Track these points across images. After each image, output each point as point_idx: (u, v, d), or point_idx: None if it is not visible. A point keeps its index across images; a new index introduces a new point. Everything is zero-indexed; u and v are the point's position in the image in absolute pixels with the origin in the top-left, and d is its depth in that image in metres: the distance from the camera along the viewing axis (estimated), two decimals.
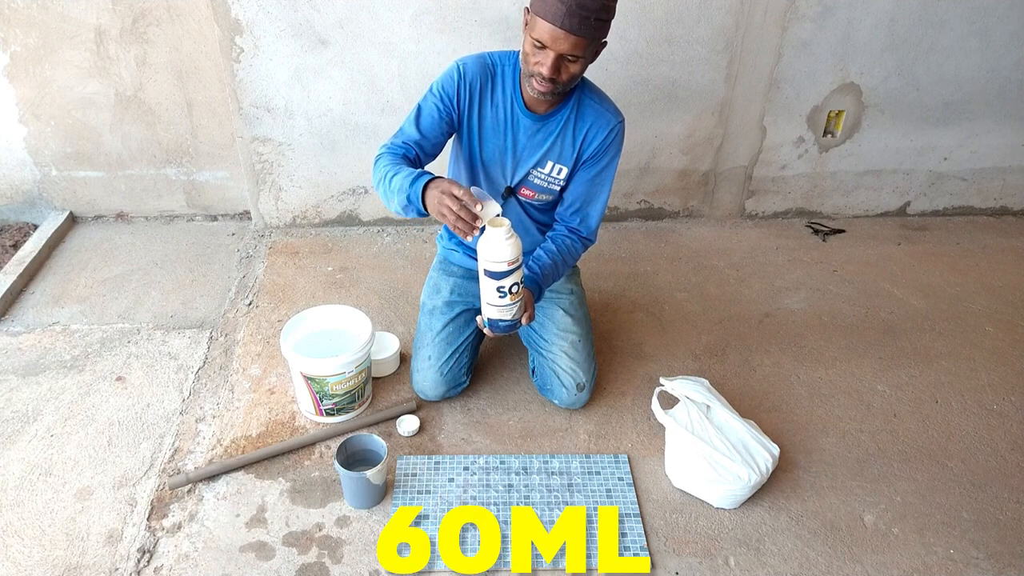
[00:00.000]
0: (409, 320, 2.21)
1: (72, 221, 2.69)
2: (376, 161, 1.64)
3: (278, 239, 2.64)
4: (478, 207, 1.42)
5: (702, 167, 2.69)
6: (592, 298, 2.33)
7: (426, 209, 1.49)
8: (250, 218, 2.73)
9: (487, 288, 1.54)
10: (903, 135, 2.67)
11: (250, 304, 2.30)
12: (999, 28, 2.46)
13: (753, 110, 2.57)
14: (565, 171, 1.76)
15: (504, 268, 1.49)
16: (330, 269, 2.48)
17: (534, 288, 1.72)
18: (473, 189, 1.48)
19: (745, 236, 2.75)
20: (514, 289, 1.53)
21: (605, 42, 1.57)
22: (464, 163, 1.79)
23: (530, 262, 1.75)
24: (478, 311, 1.94)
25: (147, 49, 2.37)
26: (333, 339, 1.89)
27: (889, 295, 2.44)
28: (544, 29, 1.49)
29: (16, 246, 2.54)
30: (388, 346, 2.03)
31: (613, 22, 1.54)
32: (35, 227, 2.65)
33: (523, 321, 1.62)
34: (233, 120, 2.45)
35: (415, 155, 1.66)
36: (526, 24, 1.54)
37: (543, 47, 1.51)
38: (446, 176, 1.65)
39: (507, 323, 1.60)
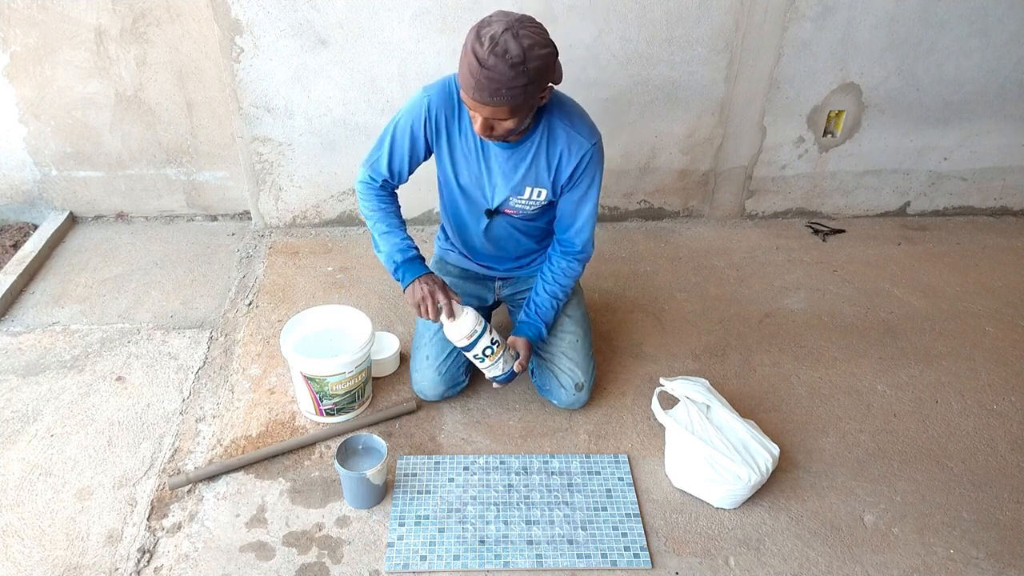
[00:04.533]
0: (409, 320, 2.21)
1: (72, 221, 2.69)
2: (359, 195, 1.79)
3: (278, 239, 2.64)
4: (449, 318, 1.68)
5: (702, 167, 2.69)
6: (592, 298, 2.33)
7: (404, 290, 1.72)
8: (250, 218, 2.73)
9: (469, 357, 1.77)
10: (903, 135, 2.67)
11: (250, 304, 2.30)
12: (999, 28, 2.46)
13: (753, 110, 2.56)
14: (545, 192, 1.71)
15: (467, 342, 1.71)
16: (330, 269, 2.48)
17: (538, 329, 1.82)
18: (455, 306, 1.69)
19: (745, 236, 2.75)
20: (487, 352, 1.73)
21: (551, 86, 1.51)
22: (444, 187, 1.79)
23: (528, 307, 1.85)
24: (475, 309, 1.95)
25: (147, 49, 2.37)
26: (333, 339, 1.89)
27: (889, 295, 2.44)
28: (463, 95, 1.47)
29: (16, 246, 2.54)
30: (388, 346, 2.03)
31: (613, 22, 1.53)
32: (35, 227, 2.65)
33: (516, 369, 1.77)
34: (233, 120, 2.45)
35: (392, 187, 1.79)
36: None
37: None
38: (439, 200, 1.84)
39: (504, 376, 1.77)
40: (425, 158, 1.74)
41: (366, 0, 2.24)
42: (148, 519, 1.62)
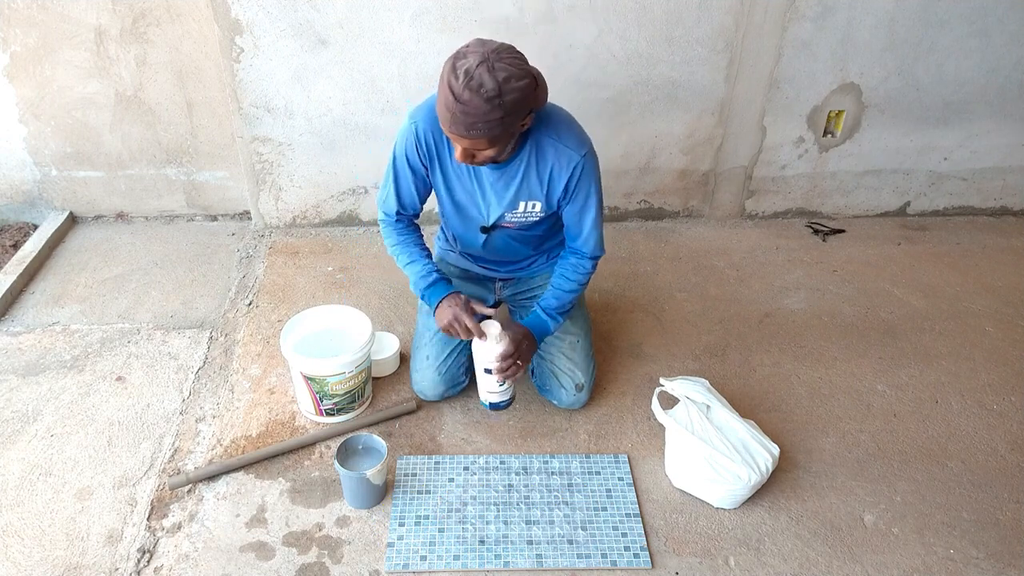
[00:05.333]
0: (409, 320, 2.21)
1: (72, 221, 2.69)
2: (382, 233, 1.82)
3: (278, 239, 2.64)
4: (480, 337, 1.65)
5: (702, 167, 2.69)
6: (592, 298, 2.33)
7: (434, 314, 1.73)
8: (250, 218, 2.73)
9: (488, 381, 1.72)
10: (903, 135, 2.67)
11: (250, 304, 2.30)
12: (999, 28, 2.46)
13: (753, 110, 2.56)
14: (540, 204, 1.69)
15: (496, 364, 1.68)
16: (330, 269, 2.48)
17: (544, 320, 1.77)
18: (488, 326, 1.67)
19: (745, 236, 2.75)
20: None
21: (532, 112, 1.48)
22: (441, 204, 1.79)
23: (539, 302, 1.80)
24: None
25: (147, 49, 2.37)
26: (333, 339, 1.89)
27: (889, 295, 2.44)
28: (441, 125, 1.46)
29: (16, 246, 2.54)
30: (388, 346, 2.03)
31: (613, 22, 1.52)
32: (35, 227, 2.65)
33: (515, 367, 1.73)
34: (233, 120, 2.45)
35: (409, 217, 1.80)
36: None
37: None
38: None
39: (505, 402, 1.79)
40: (428, 183, 1.74)
41: (366, 0, 2.24)
42: (148, 519, 1.62)
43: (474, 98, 1.36)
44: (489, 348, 1.66)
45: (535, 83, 1.44)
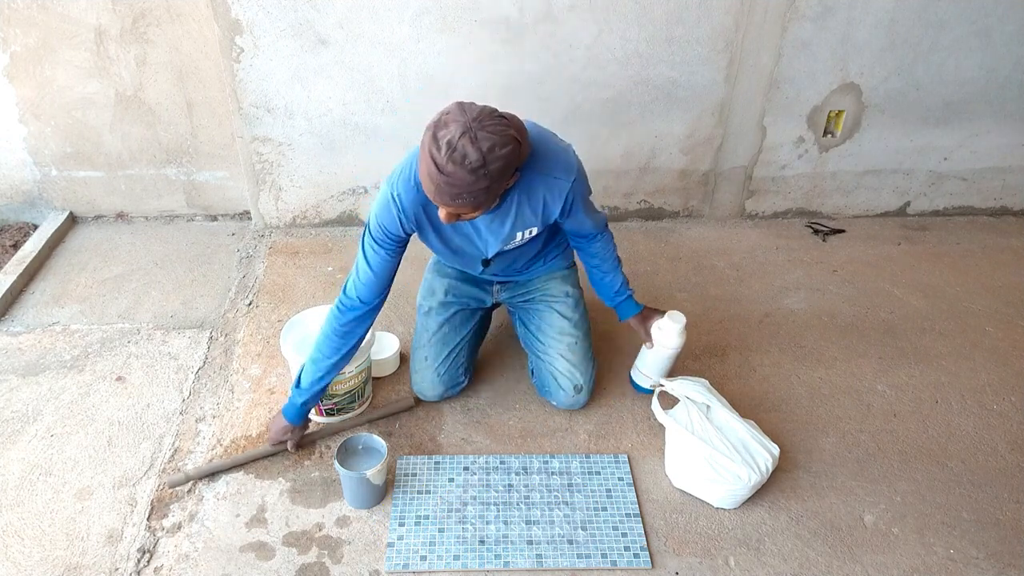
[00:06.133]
0: (409, 320, 2.21)
1: (72, 221, 2.69)
2: (329, 316, 1.66)
3: (278, 239, 2.64)
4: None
5: (702, 167, 2.69)
6: (592, 298, 2.32)
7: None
8: (250, 218, 2.73)
9: (662, 367, 1.93)
10: (903, 135, 2.67)
11: (250, 304, 2.30)
12: (999, 28, 2.46)
13: (753, 110, 2.56)
14: (535, 229, 1.68)
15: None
16: (330, 269, 2.48)
17: (630, 300, 1.92)
18: (670, 313, 1.88)
19: (745, 236, 2.75)
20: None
21: (517, 172, 1.44)
22: (438, 253, 1.80)
23: (609, 296, 1.94)
24: (473, 311, 1.95)
25: (147, 49, 2.37)
26: None
27: (889, 295, 2.44)
28: (425, 193, 1.41)
29: (16, 246, 2.54)
30: (388, 346, 2.03)
31: (613, 22, 1.52)
32: (35, 227, 2.65)
33: (643, 338, 1.92)
34: (233, 120, 2.45)
35: (377, 299, 1.65)
36: None
37: None
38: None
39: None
40: (404, 250, 1.65)
41: (366, 0, 2.24)
42: (148, 519, 1.62)
43: (458, 170, 1.31)
44: (676, 336, 1.84)
45: (519, 146, 1.38)
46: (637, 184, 2.72)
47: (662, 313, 1.89)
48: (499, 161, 1.34)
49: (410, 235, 1.64)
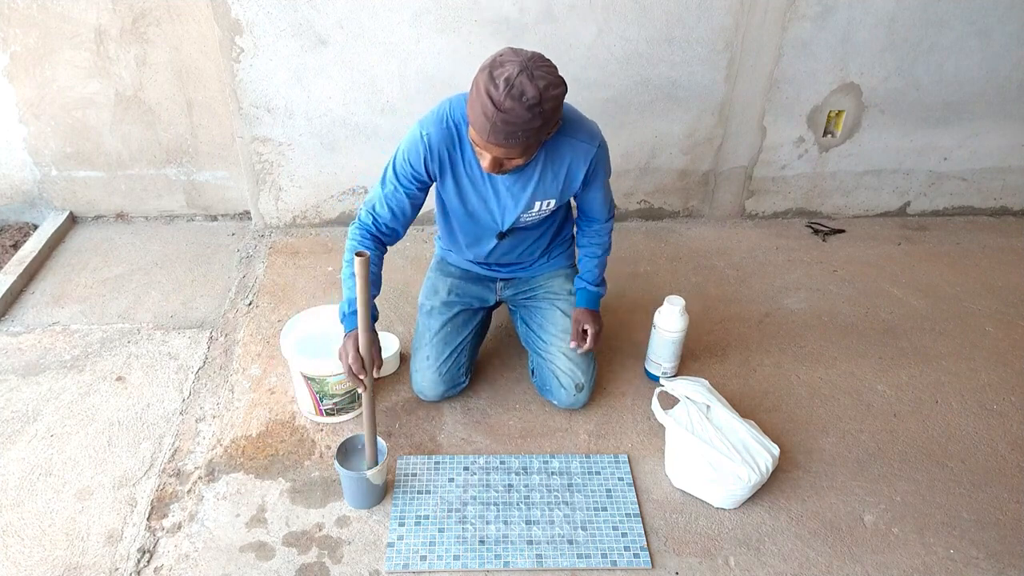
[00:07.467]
0: (409, 320, 2.21)
1: (72, 221, 2.69)
2: (348, 238, 1.71)
3: (278, 239, 2.64)
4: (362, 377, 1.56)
5: (702, 167, 2.69)
6: None
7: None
8: (250, 218, 2.73)
9: (669, 354, 1.98)
10: (903, 135, 2.67)
11: (250, 304, 2.30)
12: (999, 28, 2.46)
13: (753, 110, 2.57)
14: (553, 202, 1.72)
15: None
16: (330, 269, 2.48)
17: (590, 291, 1.89)
18: (671, 297, 1.93)
19: (745, 236, 2.75)
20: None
21: (558, 120, 1.49)
22: (452, 215, 1.78)
23: (577, 278, 1.92)
24: (475, 311, 1.96)
25: (147, 49, 2.37)
26: (333, 339, 1.88)
27: (889, 295, 2.44)
28: (474, 135, 1.45)
29: (16, 246, 2.54)
30: (388, 346, 2.03)
31: (613, 22, 1.53)
32: (35, 227, 2.65)
33: (588, 345, 1.85)
34: (233, 120, 2.45)
35: (383, 232, 1.71)
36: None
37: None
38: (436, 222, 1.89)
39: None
40: (424, 195, 1.72)
41: (366, 0, 2.24)
42: (148, 519, 1.62)
43: (516, 106, 1.36)
44: (678, 318, 1.91)
45: (566, 91, 1.46)
46: (637, 184, 2.72)
47: (594, 320, 1.85)
48: (552, 101, 1.40)
49: (432, 181, 1.67)
